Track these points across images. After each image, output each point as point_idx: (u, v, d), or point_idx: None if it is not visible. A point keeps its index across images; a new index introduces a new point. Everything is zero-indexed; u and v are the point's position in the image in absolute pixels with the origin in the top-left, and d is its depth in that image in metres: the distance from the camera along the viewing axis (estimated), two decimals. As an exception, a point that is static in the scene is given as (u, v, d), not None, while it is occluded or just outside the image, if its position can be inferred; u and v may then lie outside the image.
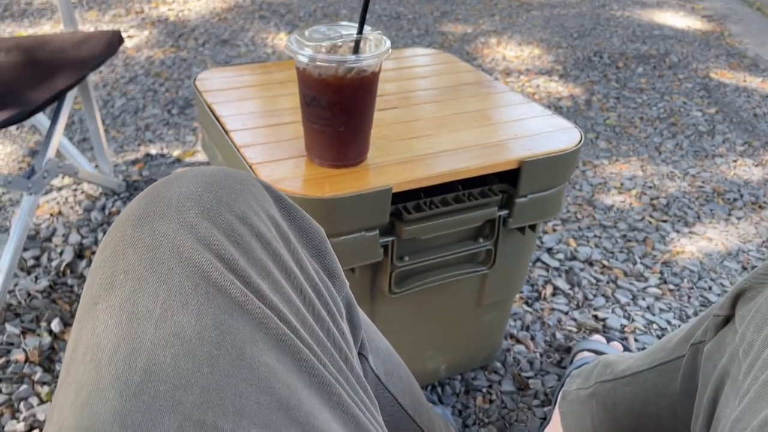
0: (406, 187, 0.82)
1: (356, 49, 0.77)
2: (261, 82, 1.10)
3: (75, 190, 1.58)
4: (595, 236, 1.57)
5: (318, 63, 0.75)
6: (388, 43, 0.78)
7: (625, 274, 1.45)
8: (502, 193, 0.91)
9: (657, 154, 1.98)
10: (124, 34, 2.64)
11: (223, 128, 0.93)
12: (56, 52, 1.36)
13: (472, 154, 0.88)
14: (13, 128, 1.88)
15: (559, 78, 2.43)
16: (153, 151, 1.79)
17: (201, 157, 1.76)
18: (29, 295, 1.26)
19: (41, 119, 1.54)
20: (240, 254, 0.42)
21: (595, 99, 2.29)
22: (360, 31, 0.77)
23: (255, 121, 0.95)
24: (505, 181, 0.92)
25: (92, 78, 2.23)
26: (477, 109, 1.02)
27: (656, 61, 2.65)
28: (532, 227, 0.98)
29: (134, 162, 1.73)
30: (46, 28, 2.69)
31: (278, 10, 3.00)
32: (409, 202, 0.86)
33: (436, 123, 0.97)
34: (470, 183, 0.90)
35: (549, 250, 1.50)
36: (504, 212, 0.92)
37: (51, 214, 1.48)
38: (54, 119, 1.33)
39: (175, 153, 1.78)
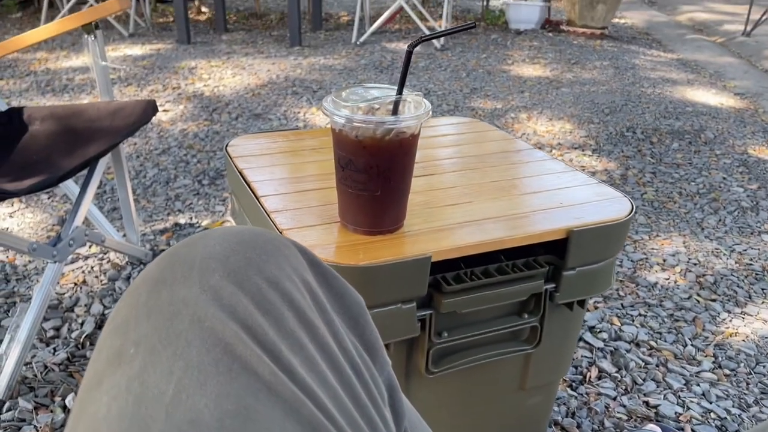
0: (445, 256, 0.76)
1: (395, 111, 0.74)
2: (292, 148, 1.07)
3: (101, 259, 1.55)
4: (639, 315, 1.48)
5: (355, 124, 0.71)
6: (428, 105, 0.75)
7: (676, 356, 1.35)
8: (548, 265, 0.85)
9: (699, 230, 1.90)
10: (160, 108, 2.70)
11: (254, 194, 0.89)
12: (91, 120, 1.36)
13: (515, 223, 0.82)
14: (44, 197, 1.88)
15: (593, 152, 2.39)
16: (182, 220, 1.77)
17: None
18: (45, 367, 1.21)
19: (72, 188, 1.54)
20: (270, 324, 0.36)
21: (631, 173, 2.24)
22: (399, 91, 0.73)
23: (286, 186, 0.92)
24: (552, 252, 0.86)
25: (126, 149, 2.26)
26: (517, 177, 0.97)
27: (691, 137, 2.61)
28: (581, 303, 0.90)
29: (162, 231, 1.70)
30: (85, 102, 2.77)
31: (310, 86, 3.05)
32: (449, 272, 0.80)
33: (475, 190, 0.92)
34: (514, 253, 0.84)
35: (591, 329, 1.41)
36: (551, 286, 0.86)
37: (75, 283, 1.45)
38: (84, 187, 1.32)
39: (204, 222, 1.75)
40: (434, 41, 3.92)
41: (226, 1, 5.25)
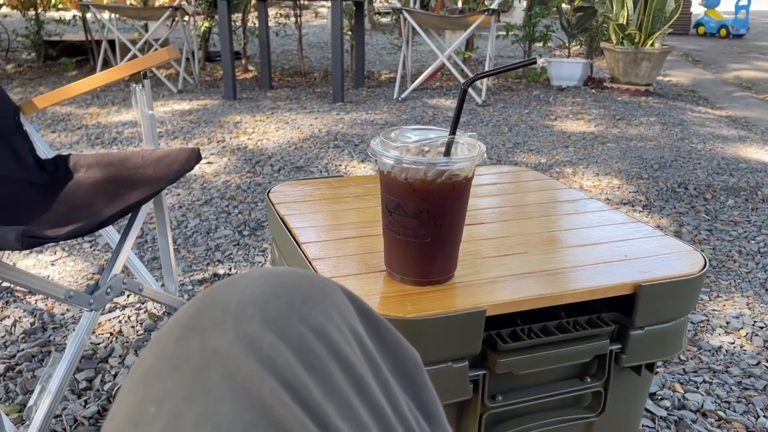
0: (501, 311, 0.70)
1: (447, 152, 0.69)
2: (335, 195, 1.03)
3: (138, 308, 1.52)
4: (704, 382, 1.36)
5: (405, 165, 0.67)
6: (482, 147, 0.70)
7: (748, 429, 1.23)
8: (613, 323, 0.77)
9: (764, 291, 1.77)
10: (204, 161, 2.73)
11: (295, 240, 0.85)
12: (135, 168, 1.36)
13: (576, 276, 0.76)
14: (86, 245, 1.89)
15: (643, 208, 2.30)
16: (221, 271, 1.74)
17: (268, 279, 1.69)
18: (75, 420, 1.16)
19: (114, 236, 1.53)
20: (315, 381, 0.30)
21: (686, 230, 2.13)
22: (452, 131, 0.69)
23: (329, 233, 0.87)
24: (616, 309, 0.78)
25: (169, 199, 2.27)
26: (575, 227, 0.91)
27: (747, 194, 2.49)
28: (649, 367, 0.82)
29: (201, 282, 1.67)
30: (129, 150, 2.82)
31: (352, 140, 3.06)
32: (504, 329, 0.74)
33: (530, 240, 0.86)
34: (574, 309, 0.77)
35: (652, 396, 1.30)
36: (616, 347, 0.78)
37: (111, 333, 1.42)
38: (124, 234, 1.30)
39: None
40: (476, 97, 3.92)
41: (272, 59, 5.40)
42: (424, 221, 0.69)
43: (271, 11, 5.16)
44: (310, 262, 0.78)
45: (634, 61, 4.21)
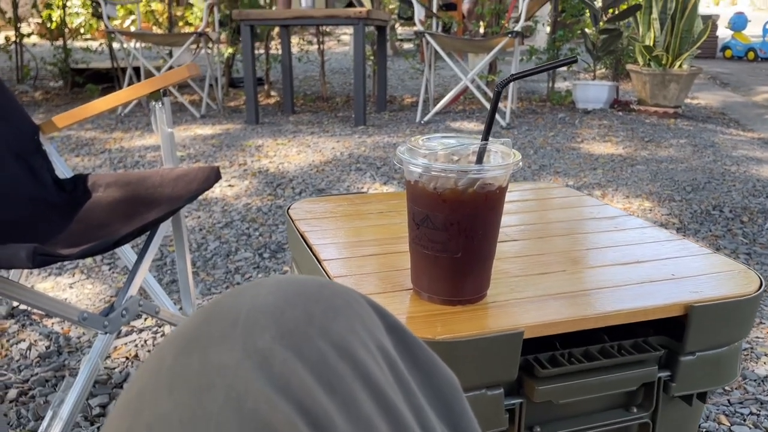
0: (539, 333, 0.64)
1: (479, 159, 0.64)
2: (357, 212, 0.98)
3: (156, 332, 1.48)
4: (751, 414, 1.27)
5: (434, 173, 0.62)
6: (518, 154, 0.65)
7: (802, 465, 1.13)
8: (662, 348, 0.71)
9: (810, 316, 1.67)
10: (225, 183, 2.71)
11: (316, 257, 0.80)
12: (154, 186, 1.33)
13: (619, 296, 0.70)
14: (105, 267, 1.86)
15: (677, 231, 2.21)
16: (240, 294, 1.70)
17: (288, 302, 1.65)
18: (87, 448, 1.12)
19: (132, 258, 1.49)
20: (336, 407, 0.25)
21: (723, 254, 2.04)
22: (485, 138, 0.64)
23: (351, 250, 0.82)
24: (664, 333, 0.72)
25: (189, 222, 2.25)
26: (615, 244, 0.85)
27: (786, 215, 2.39)
28: (701, 396, 0.75)
29: (219, 305, 1.63)
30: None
31: (374, 162, 3.02)
32: (542, 353, 0.67)
33: (568, 258, 0.80)
34: (618, 332, 0.71)
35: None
36: (665, 374, 0.71)
37: (127, 357, 1.38)
38: (141, 254, 1.27)
39: (262, 297, 1.68)
40: (499, 119, 3.87)
41: (294, 85, 5.43)
42: (455, 234, 0.64)
43: (294, 38, 5.20)
44: (331, 280, 0.73)
45: (662, 82, 4.14)
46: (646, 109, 4.26)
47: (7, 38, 4.94)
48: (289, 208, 0.99)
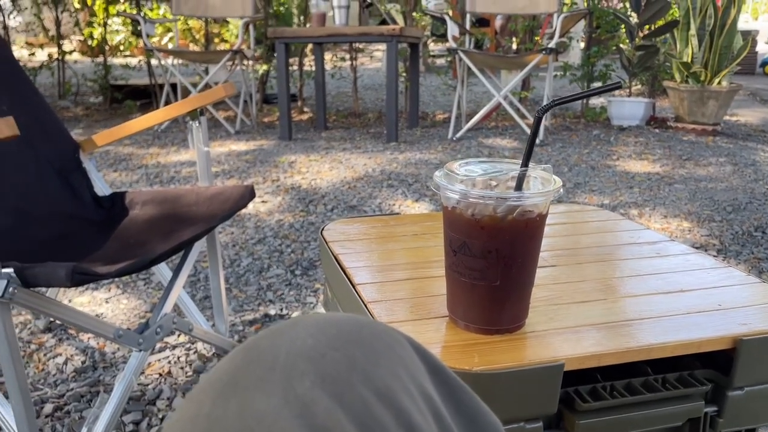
0: (581, 366, 0.62)
1: (519, 186, 0.63)
2: (392, 234, 0.97)
3: (188, 349, 1.49)
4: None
5: (471, 200, 0.61)
6: (558, 181, 0.64)
7: None
8: (708, 382, 0.68)
9: None
10: (258, 199, 2.73)
11: (350, 281, 0.79)
12: (189, 205, 1.34)
13: (663, 327, 0.67)
14: (140, 283, 1.88)
15: (717, 253, 2.15)
16: (272, 311, 1.70)
17: (320, 320, 1.64)
18: (120, 465, 1.12)
19: (167, 274, 1.51)
20: (379, 460, 0.24)
21: (766, 277, 1.98)
22: (525, 164, 0.63)
23: (385, 274, 0.81)
24: (710, 366, 0.69)
25: (223, 238, 2.27)
26: (657, 272, 0.82)
27: (832, 237, 2.31)
28: (751, 432, 0.72)
29: (252, 322, 1.63)
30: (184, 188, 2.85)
31: (406, 179, 3.02)
32: (583, 386, 0.65)
33: (607, 285, 0.77)
34: (662, 364, 0.68)
35: (741, 462, 1.17)
36: (712, 409, 0.68)
37: (160, 374, 1.38)
38: (176, 272, 1.28)
39: (294, 315, 1.67)
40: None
41: (327, 101, 5.47)
42: (493, 262, 0.62)
43: (328, 54, 5.25)
44: (365, 305, 0.73)
45: (700, 99, 4.06)
46: (683, 127, 4.18)
47: (50, 55, 5.09)
48: (323, 230, 0.99)
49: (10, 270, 0.91)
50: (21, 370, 0.95)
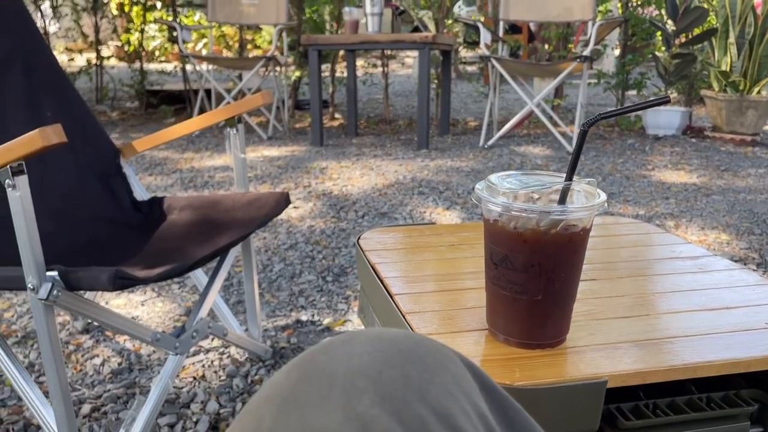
0: (623, 383, 0.61)
1: (562, 200, 0.62)
2: (428, 243, 0.97)
3: (222, 353, 1.50)
4: None
5: (514, 213, 0.60)
6: (603, 195, 0.63)
7: None
8: (755, 402, 0.66)
9: None
10: (290, 205, 2.75)
11: (388, 291, 0.79)
12: (225, 210, 1.36)
13: (708, 345, 0.66)
14: (175, 286, 1.91)
15: (757, 267, 2.10)
16: (304, 317, 1.70)
17: (351, 326, 1.64)
18: (155, 466, 1.14)
19: (202, 278, 1.53)
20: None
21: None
22: (569, 177, 0.62)
23: (423, 285, 0.81)
24: (756, 386, 0.67)
25: (255, 243, 2.29)
26: (700, 287, 0.80)
27: None
28: (799, 456, 0.70)
29: (284, 328, 1.65)
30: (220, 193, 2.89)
31: (437, 187, 3.01)
32: (625, 403, 0.64)
33: (650, 300, 0.76)
34: (707, 384, 0.67)
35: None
36: (757, 430, 0.66)
37: (194, 377, 1.40)
38: (212, 278, 1.30)
39: (326, 321, 1.68)
40: (566, 144, 3.80)
41: (358, 107, 5.50)
42: (535, 276, 0.62)
43: (359, 60, 5.28)
44: (403, 316, 0.72)
45: (739, 109, 3.98)
46: (721, 137, 4.10)
47: (88, 61, 5.21)
48: (359, 238, 0.99)
49: (54, 273, 0.93)
50: (63, 372, 0.97)
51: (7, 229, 1.19)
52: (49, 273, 0.93)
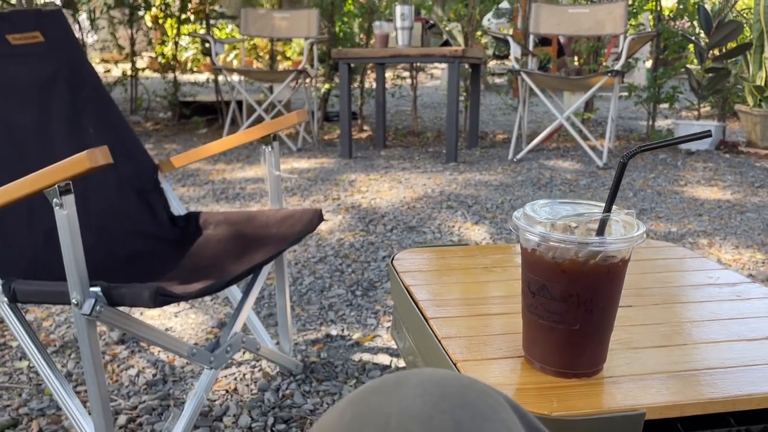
0: (662, 415, 0.61)
1: (601, 231, 0.62)
2: (462, 266, 0.98)
3: (253, 366, 1.52)
4: None
5: (552, 243, 0.61)
6: (642, 226, 0.63)
7: None
8: (796, 436, 0.66)
9: None
10: (319, 218, 2.78)
11: (423, 314, 0.80)
12: (260, 227, 1.38)
13: (751, 378, 0.65)
14: (207, 299, 1.94)
15: (794, 287, 2.05)
16: (334, 332, 1.72)
17: (380, 342, 1.65)
18: (188, 479, 1.15)
19: (234, 291, 1.55)
20: None
21: None
22: (608, 209, 0.62)
23: (458, 309, 0.82)
24: (798, 420, 0.67)
25: (286, 256, 2.31)
26: (740, 316, 0.80)
27: None
28: (841, 492, 0.68)
29: (314, 342, 1.66)
30: (254, 209, 2.93)
31: (465, 201, 3.01)
32: (663, 434, 0.64)
33: (688, 329, 0.76)
34: (746, 417, 0.66)
35: None
36: (799, 465, 0.66)
37: (227, 390, 1.42)
38: (246, 293, 1.32)
39: (355, 336, 1.69)
40: (596, 159, 3.77)
41: (386, 119, 5.53)
42: (573, 306, 0.62)
43: (388, 72, 5.31)
44: (439, 341, 0.73)
45: (774, 123, 3.91)
46: (756, 152, 4.03)
47: (124, 72, 5.33)
48: (393, 259, 1.00)
49: (97, 289, 0.96)
50: (104, 384, 1.00)
51: (51, 242, 1.23)
52: (92, 289, 0.96)
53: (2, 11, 1.44)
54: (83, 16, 5.65)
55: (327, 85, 5.02)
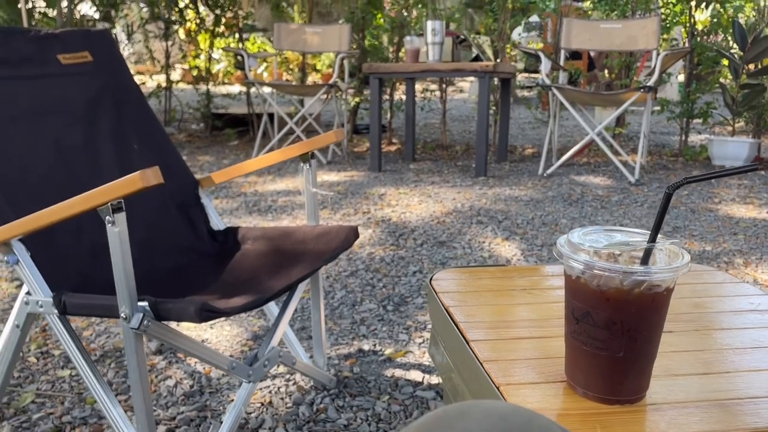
0: (706, 444, 0.61)
1: (645, 260, 0.63)
2: (500, 287, 0.99)
3: (288, 380, 1.55)
4: None
5: (596, 272, 0.62)
6: (687, 256, 0.64)
7: None
8: (843, 468, 0.65)
9: None
10: (350, 231, 2.80)
11: (463, 337, 0.81)
12: (297, 243, 1.41)
13: (794, 407, 0.65)
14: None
15: (834, 309, 2.01)
16: (366, 347, 1.74)
17: (412, 358, 1.66)
18: (225, 490, 1.18)
19: (270, 305, 1.58)
20: None
21: None
22: (653, 238, 0.63)
23: (498, 331, 0.83)
24: (844, 452, 0.66)
25: (321, 271, 2.34)
26: (782, 345, 0.79)
27: None
28: None
29: (347, 356, 1.68)
30: (285, 222, 2.97)
31: (496, 216, 3.02)
32: (706, 463, 0.64)
33: (731, 356, 0.76)
34: (791, 447, 0.66)
35: None
36: None
37: (262, 403, 1.45)
38: (283, 308, 1.34)
39: (387, 351, 1.70)
40: (628, 175, 3.74)
41: (415, 133, 5.56)
42: (617, 334, 0.63)
43: (418, 85, 5.34)
44: (481, 364, 0.74)
45: (811, 140, 3.83)
46: (792, 168, 3.95)
47: (158, 84, 5.45)
48: (431, 279, 1.02)
49: (145, 304, 0.99)
50: (148, 396, 1.03)
51: (97, 255, 1.27)
52: (140, 303, 0.99)
53: (53, 31, 1.49)
54: (118, 29, 5.80)
55: (357, 99, 5.07)
